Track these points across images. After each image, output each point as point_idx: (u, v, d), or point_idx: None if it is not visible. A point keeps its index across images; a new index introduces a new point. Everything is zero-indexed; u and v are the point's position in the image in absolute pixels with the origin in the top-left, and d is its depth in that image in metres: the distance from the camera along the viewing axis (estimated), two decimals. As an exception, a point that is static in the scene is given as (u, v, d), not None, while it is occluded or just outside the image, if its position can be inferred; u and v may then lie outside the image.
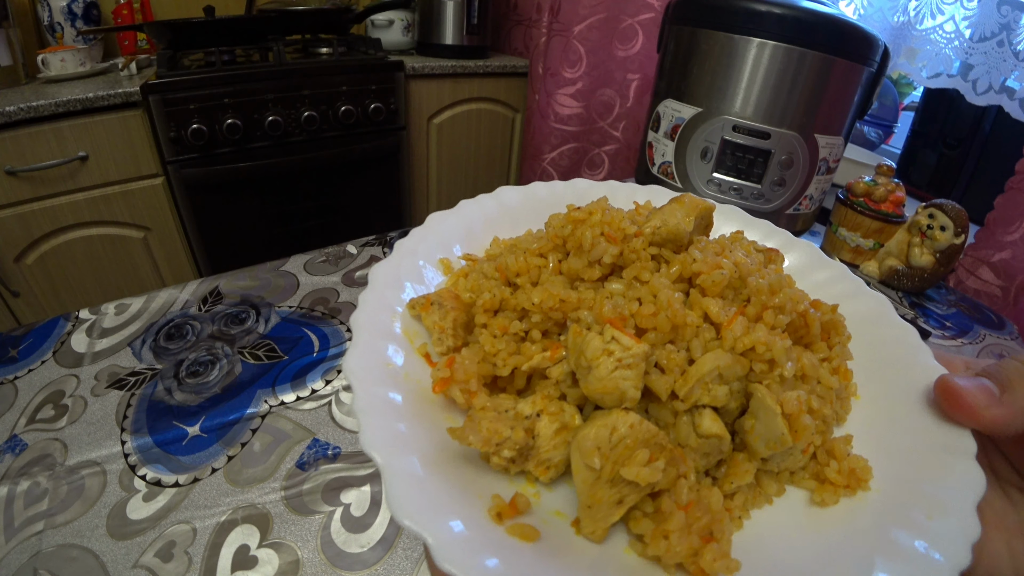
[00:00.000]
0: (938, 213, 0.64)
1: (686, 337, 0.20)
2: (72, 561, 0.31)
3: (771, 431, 0.18)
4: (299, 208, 1.38)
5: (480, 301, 0.23)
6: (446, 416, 0.20)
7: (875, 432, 0.20)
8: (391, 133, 1.43)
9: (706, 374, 0.18)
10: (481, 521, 0.16)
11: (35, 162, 1.01)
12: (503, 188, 0.30)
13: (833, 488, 0.19)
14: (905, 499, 0.17)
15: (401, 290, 0.23)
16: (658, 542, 0.16)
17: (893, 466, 0.19)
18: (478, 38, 1.54)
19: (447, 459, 0.18)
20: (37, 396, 0.41)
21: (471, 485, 0.17)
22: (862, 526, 0.17)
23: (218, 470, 0.37)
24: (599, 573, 0.16)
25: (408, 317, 0.22)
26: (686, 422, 0.19)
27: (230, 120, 1.16)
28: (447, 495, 0.16)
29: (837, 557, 0.16)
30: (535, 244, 0.24)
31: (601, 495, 0.17)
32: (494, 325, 0.22)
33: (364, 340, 0.20)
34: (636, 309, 0.20)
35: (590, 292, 0.22)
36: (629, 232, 0.23)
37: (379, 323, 0.21)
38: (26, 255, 1.08)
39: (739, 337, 0.19)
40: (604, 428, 0.17)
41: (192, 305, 0.53)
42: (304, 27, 1.46)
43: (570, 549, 0.17)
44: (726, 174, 0.69)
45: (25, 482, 0.35)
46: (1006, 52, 0.82)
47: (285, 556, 0.32)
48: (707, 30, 0.67)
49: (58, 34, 1.27)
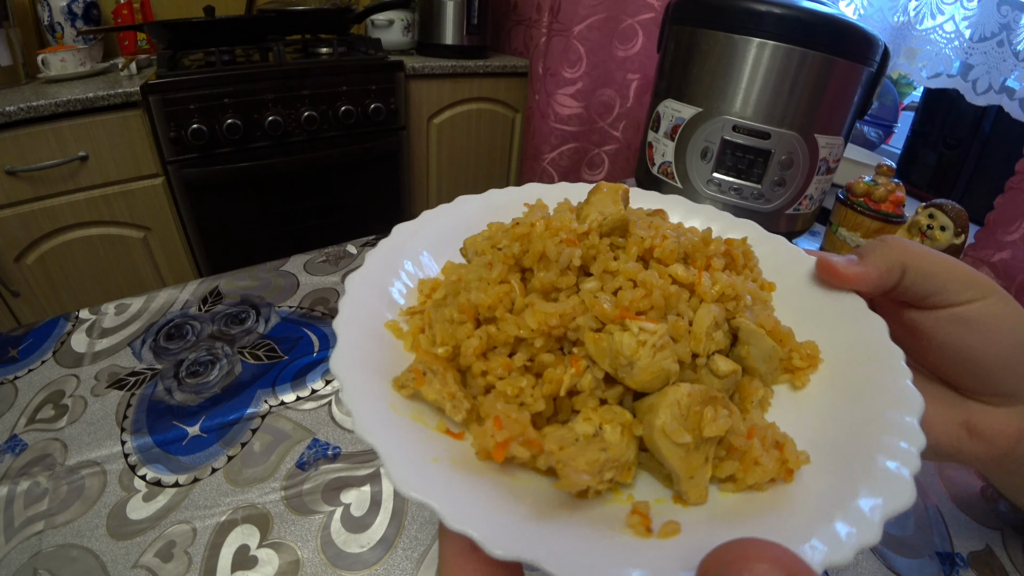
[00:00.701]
0: (938, 213, 0.64)
1: (674, 305, 0.22)
2: (72, 561, 0.31)
3: (764, 349, 0.22)
4: (299, 208, 1.38)
5: (468, 350, 0.21)
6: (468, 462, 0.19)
7: (800, 320, 0.25)
8: (391, 133, 1.43)
9: (708, 327, 0.21)
10: (624, 535, 0.17)
11: (35, 162, 1.01)
12: (462, 197, 0.30)
13: (802, 371, 0.23)
14: (851, 360, 0.22)
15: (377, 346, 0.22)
16: (752, 470, 0.18)
17: (827, 340, 0.23)
18: (478, 38, 1.54)
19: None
20: (37, 396, 0.42)
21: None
22: (842, 395, 0.21)
23: (218, 470, 0.37)
24: (724, 515, 0.18)
25: (402, 400, 0.20)
26: (706, 371, 0.21)
27: (230, 120, 1.16)
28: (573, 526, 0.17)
29: (844, 420, 0.20)
30: (490, 272, 0.23)
31: (695, 462, 0.18)
32: (494, 368, 0.21)
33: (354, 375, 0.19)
34: (630, 296, 0.21)
35: (574, 298, 0.22)
36: (581, 231, 0.23)
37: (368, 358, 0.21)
38: (26, 255, 1.08)
39: (710, 288, 0.22)
40: (673, 407, 0.18)
41: (192, 305, 0.53)
42: (304, 27, 1.46)
43: (693, 515, 0.18)
44: (726, 174, 0.69)
45: (25, 482, 0.35)
46: (1006, 52, 0.82)
47: (285, 556, 0.32)
48: (707, 30, 0.67)
49: (58, 34, 1.27)
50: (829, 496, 0.17)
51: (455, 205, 0.30)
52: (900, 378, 0.20)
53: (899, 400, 0.19)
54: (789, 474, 0.19)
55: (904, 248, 0.23)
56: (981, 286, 0.23)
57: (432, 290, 0.25)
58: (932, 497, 0.40)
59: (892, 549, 0.36)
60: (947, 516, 0.39)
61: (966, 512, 0.39)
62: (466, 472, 0.18)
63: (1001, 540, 0.37)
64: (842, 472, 0.18)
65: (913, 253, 0.23)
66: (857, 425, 0.19)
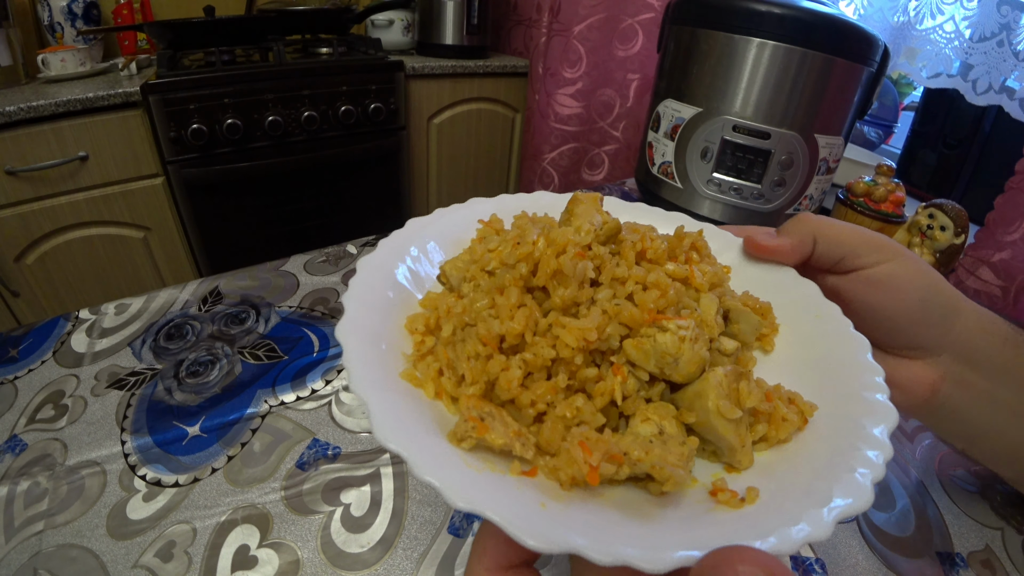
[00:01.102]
0: (938, 213, 0.64)
1: (683, 300, 0.24)
2: (72, 561, 0.31)
3: (752, 324, 0.25)
4: (299, 208, 1.38)
5: (508, 383, 0.20)
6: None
7: (753, 287, 0.28)
8: (391, 133, 1.43)
9: (715, 315, 0.24)
10: (717, 512, 0.18)
11: (35, 162, 1.01)
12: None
13: (768, 336, 0.26)
14: (801, 320, 0.26)
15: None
16: (781, 426, 0.21)
17: (784, 301, 0.26)
18: (478, 38, 1.54)
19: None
20: (37, 396, 0.42)
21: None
22: (808, 352, 0.25)
23: (218, 470, 0.37)
24: (769, 470, 0.20)
25: (468, 455, 0.19)
26: (717, 352, 0.24)
27: (230, 120, 1.16)
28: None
29: (821, 366, 0.23)
30: (509, 298, 0.22)
31: (743, 432, 0.21)
32: (542, 395, 0.20)
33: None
34: (650, 298, 0.22)
35: (595, 309, 0.22)
36: (586, 242, 0.23)
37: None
38: (26, 255, 1.08)
39: (700, 281, 0.25)
40: (717, 388, 0.20)
41: (192, 305, 0.53)
42: (304, 27, 1.46)
43: (753, 480, 0.20)
44: (726, 174, 0.69)
45: (25, 482, 0.35)
46: (1006, 52, 0.82)
47: (285, 556, 0.32)
48: (707, 30, 0.67)
49: (58, 34, 1.27)
50: (839, 437, 0.20)
51: (406, 229, 0.29)
52: (846, 327, 0.24)
53: (854, 344, 0.23)
54: (805, 422, 0.21)
55: (813, 220, 0.27)
56: (887, 249, 0.26)
57: (426, 327, 0.24)
58: (932, 497, 0.40)
59: (892, 549, 0.36)
60: (947, 516, 0.39)
61: (966, 512, 0.39)
62: (567, 506, 0.18)
63: (1001, 540, 0.37)
64: (842, 411, 0.21)
65: (822, 223, 0.27)
66: (833, 369, 0.23)
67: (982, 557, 0.36)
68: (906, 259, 0.26)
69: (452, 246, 0.28)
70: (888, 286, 0.26)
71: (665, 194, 0.76)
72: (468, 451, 0.19)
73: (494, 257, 0.24)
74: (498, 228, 0.28)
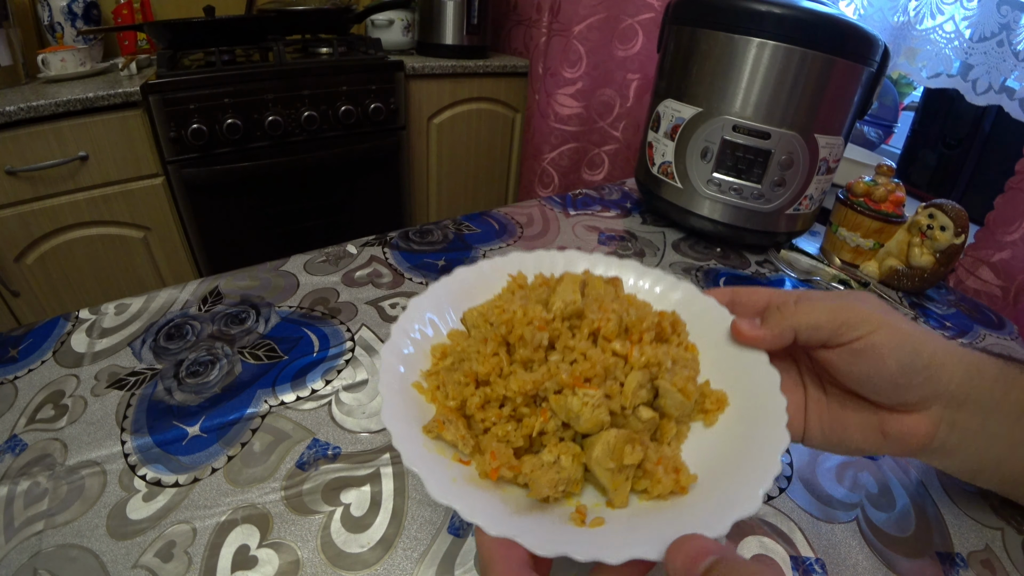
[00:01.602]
0: (938, 213, 0.64)
1: (612, 371, 0.30)
2: (72, 561, 0.31)
3: (676, 401, 0.30)
4: (299, 208, 1.38)
5: (472, 405, 0.30)
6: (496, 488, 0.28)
7: (718, 371, 0.33)
8: (391, 133, 1.43)
9: (634, 388, 0.29)
10: (568, 525, 0.26)
11: (35, 162, 1.01)
12: (459, 268, 0.39)
13: (713, 412, 0.31)
14: (749, 404, 0.30)
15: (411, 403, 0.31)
16: (656, 485, 0.27)
17: (735, 387, 0.32)
18: (478, 38, 1.54)
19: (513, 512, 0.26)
20: (37, 396, 0.42)
21: (531, 507, 0.27)
22: (738, 430, 0.30)
23: (218, 470, 0.37)
24: (638, 514, 0.27)
25: (429, 441, 0.29)
26: (633, 418, 0.30)
27: (230, 120, 1.16)
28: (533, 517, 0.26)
29: (745, 442, 0.28)
30: (485, 347, 0.32)
31: (619, 480, 0.27)
32: (489, 417, 0.30)
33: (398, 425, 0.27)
34: (580, 367, 0.29)
35: (543, 367, 0.30)
36: (548, 318, 0.32)
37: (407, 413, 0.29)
38: (26, 255, 1.08)
39: (639, 359, 0.31)
40: (605, 445, 0.27)
41: (192, 305, 0.53)
42: (304, 27, 1.46)
43: (617, 514, 0.27)
44: (726, 174, 0.69)
45: (25, 482, 0.35)
46: (1006, 52, 0.82)
47: (285, 556, 0.32)
48: (707, 30, 0.67)
49: (58, 34, 1.27)
50: (708, 506, 0.26)
51: (454, 277, 0.38)
52: (778, 423, 0.28)
53: (773, 438, 0.27)
54: (683, 489, 0.27)
55: (792, 313, 0.29)
56: (867, 323, 0.28)
57: (442, 354, 0.34)
58: (932, 497, 0.40)
59: (892, 549, 0.36)
60: (947, 516, 0.39)
61: (966, 512, 0.39)
62: (473, 486, 0.27)
63: (1001, 540, 0.37)
64: (720, 488, 0.27)
65: (800, 314, 0.29)
66: (739, 454, 0.28)
67: (982, 557, 0.36)
68: (885, 329, 0.28)
69: (486, 291, 0.38)
70: (870, 356, 0.28)
71: (665, 194, 0.76)
72: (432, 440, 0.29)
73: (490, 317, 0.33)
74: (521, 283, 0.38)
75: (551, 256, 0.41)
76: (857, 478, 0.41)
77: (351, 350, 0.48)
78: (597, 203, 0.86)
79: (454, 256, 0.66)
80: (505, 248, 0.68)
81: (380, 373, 0.30)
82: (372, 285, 0.58)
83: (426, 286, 0.52)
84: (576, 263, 0.41)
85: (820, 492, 0.40)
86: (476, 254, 0.67)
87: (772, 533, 0.36)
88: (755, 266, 0.72)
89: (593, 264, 0.42)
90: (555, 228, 0.76)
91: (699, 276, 0.67)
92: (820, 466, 0.42)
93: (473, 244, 0.69)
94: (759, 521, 0.37)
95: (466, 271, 0.39)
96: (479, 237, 0.71)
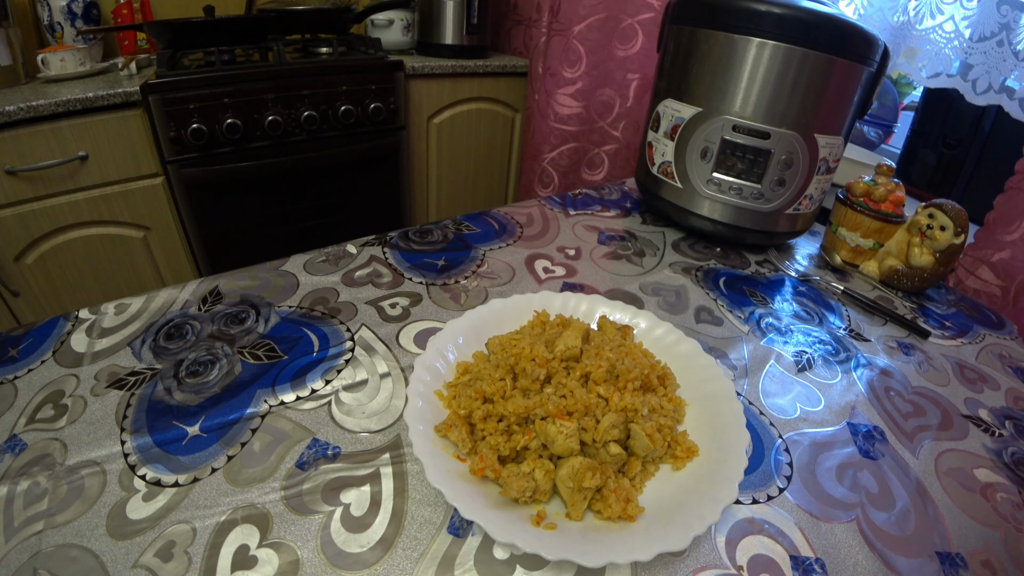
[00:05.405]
0: (938, 213, 0.64)
1: (592, 410, 0.37)
2: (72, 561, 0.31)
3: (643, 444, 0.36)
4: (299, 208, 1.38)
5: (476, 416, 0.38)
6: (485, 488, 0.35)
7: (697, 422, 0.40)
8: (391, 133, 1.43)
9: (608, 427, 0.36)
10: (526, 524, 0.33)
11: (35, 162, 1.01)
12: (494, 299, 0.49)
13: (682, 459, 0.37)
14: (716, 458, 0.37)
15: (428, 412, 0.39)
16: (608, 509, 0.34)
17: (711, 442, 0.38)
18: (478, 38, 1.54)
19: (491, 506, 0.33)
20: (37, 396, 0.41)
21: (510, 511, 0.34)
22: (696, 479, 0.36)
23: (218, 470, 0.37)
24: (588, 529, 0.33)
25: (437, 438, 0.37)
26: (603, 451, 0.36)
27: (230, 120, 1.16)
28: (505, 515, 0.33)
29: (699, 490, 0.35)
30: (496, 372, 0.40)
31: (576, 499, 0.34)
32: (488, 428, 0.37)
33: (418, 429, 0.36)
34: (565, 402, 0.37)
35: (537, 396, 0.38)
36: (549, 357, 0.40)
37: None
38: (26, 255, 1.08)
39: (618, 403, 0.37)
40: (570, 467, 0.34)
41: (192, 305, 0.53)
42: (304, 27, 1.46)
43: (571, 525, 0.34)
44: (726, 174, 0.69)
45: (25, 482, 0.35)
46: (1006, 52, 0.82)
47: (285, 556, 0.32)
48: (707, 30, 0.67)
49: (58, 34, 1.27)
50: (644, 535, 0.32)
51: (487, 306, 0.48)
52: (732, 481, 0.34)
53: (723, 493, 0.33)
54: (630, 517, 0.33)
55: None
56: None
57: (464, 371, 0.42)
58: (932, 497, 0.40)
59: (892, 549, 0.36)
60: (947, 516, 0.39)
61: (966, 512, 0.39)
62: (462, 479, 0.34)
63: (1001, 540, 0.37)
64: (660, 524, 0.33)
65: None
66: (689, 500, 0.34)
67: (982, 557, 0.36)
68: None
69: (514, 321, 0.48)
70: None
71: (665, 194, 0.76)
72: (440, 437, 0.37)
73: (507, 346, 0.42)
74: (544, 319, 0.47)
75: (576, 299, 0.50)
76: (857, 478, 0.41)
77: (351, 350, 0.48)
78: (597, 203, 0.86)
79: (454, 256, 0.66)
80: (505, 248, 0.68)
81: (410, 379, 0.39)
82: (372, 285, 0.58)
83: (426, 286, 0.60)
84: (596, 308, 0.50)
85: (820, 492, 0.40)
86: (476, 254, 0.67)
87: (772, 533, 0.36)
88: (755, 266, 0.72)
89: (612, 311, 0.49)
90: (555, 228, 0.76)
91: (699, 276, 0.67)
92: (820, 466, 0.42)
93: (473, 244, 0.69)
94: (759, 521, 0.37)
95: (501, 303, 0.49)
96: (479, 237, 0.71)
